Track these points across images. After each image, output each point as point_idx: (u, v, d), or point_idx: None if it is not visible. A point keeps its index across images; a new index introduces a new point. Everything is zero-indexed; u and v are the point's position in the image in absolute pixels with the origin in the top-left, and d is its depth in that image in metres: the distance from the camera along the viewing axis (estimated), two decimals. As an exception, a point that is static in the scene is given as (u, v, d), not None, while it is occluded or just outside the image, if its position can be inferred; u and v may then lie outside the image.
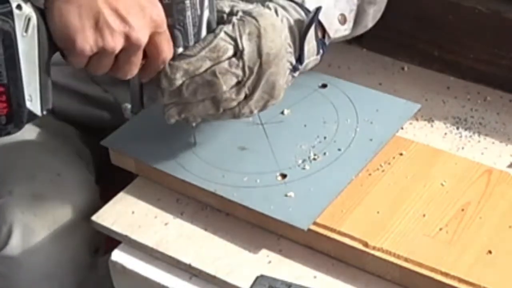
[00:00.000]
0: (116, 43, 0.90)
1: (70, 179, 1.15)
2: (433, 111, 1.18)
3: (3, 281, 1.10)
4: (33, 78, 0.90)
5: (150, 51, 0.94)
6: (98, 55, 0.91)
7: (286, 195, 1.01)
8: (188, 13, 0.96)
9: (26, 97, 0.90)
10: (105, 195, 1.14)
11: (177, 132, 1.10)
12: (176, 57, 0.98)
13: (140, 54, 0.93)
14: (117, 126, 1.14)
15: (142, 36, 0.91)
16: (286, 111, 1.13)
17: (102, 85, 1.29)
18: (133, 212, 1.06)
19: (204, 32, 0.99)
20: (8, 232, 1.08)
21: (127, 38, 0.91)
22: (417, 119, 1.16)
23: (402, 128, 1.11)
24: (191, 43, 0.98)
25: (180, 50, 0.98)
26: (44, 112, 0.92)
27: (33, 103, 0.91)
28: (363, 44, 1.30)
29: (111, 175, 1.15)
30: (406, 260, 0.94)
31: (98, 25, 0.89)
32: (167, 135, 1.10)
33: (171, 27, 0.96)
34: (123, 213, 1.06)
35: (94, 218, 1.06)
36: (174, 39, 0.97)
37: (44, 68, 0.91)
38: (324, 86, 1.17)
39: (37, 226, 1.09)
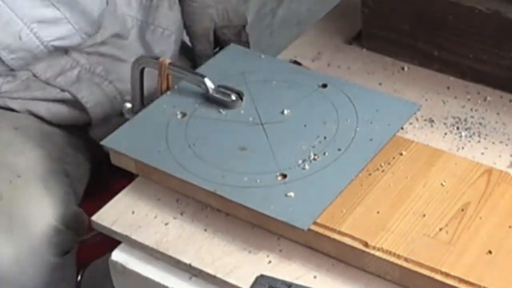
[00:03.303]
0: None
1: (32, 182, 1.15)
2: (433, 111, 1.18)
3: None
4: None
5: None
6: None
7: (286, 195, 1.01)
8: None
9: None
10: (105, 196, 1.14)
11: (177, 132, 1.10)
12: None
13: None
14: (89, 121, 1.13)
15: None
16: (286, 111, 1.13)
17: (63, 86, 1.28)
18: (133, 212, 1.06)
19: None
20: None
21: None
22: (417, 119, 1.16)
23: (402, 128, 1.11)
24: None
25: None
26: None
27: None
28: (363, 44, 1.30)
29: (111, 177, 1.15)
30: (406, 260, 0.94)
31: None
32: (167, 135, 1.10)
33: None
34: (123, 213, 1.06)
35: (94, 218, 1.06)
36: None
37: None
38: (324, 86, 1.17)
39: None
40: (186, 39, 1.41)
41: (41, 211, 1.12)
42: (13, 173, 1.15)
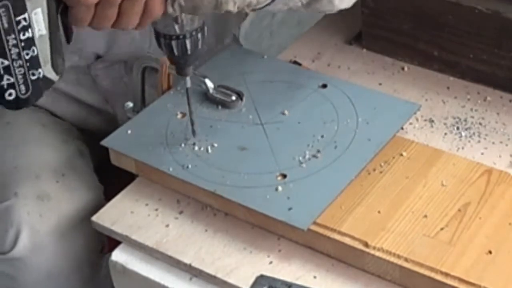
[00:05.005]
0: None
1: (75, 179, 1.15)
2: (433, 111, 1.18)
3: (11, 282, 1.10)
4: (44, 41, 0.87)
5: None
6: (102, 5, 0.87)
7: (286, 195, 1.01)
8: None
9: (41, 62, 0.88)
10: (104, 196, 1.15)
11: (177, 132, 1.10)
12: None
13: (142, 2, 0.90)
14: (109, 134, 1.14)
15: None
16: (286, 111, 1.13)
17: (105, 93, 1.29)
18: (133, 213, 1.06)
19: None
20: (15, 234, 1.09)
21: None
22: (417, 119, 1.16)
23: (402, 128, 1.11)
24: None
25: None
26: (59, 77, 0.90)
27: (47, 68, 0.88)
28: (363, 44, 1.30)
29: (111, 177, 1.15)
30: (406, 260, 0.94)
31: None
32: (167, 135, 1.10)
33: None
34: (123, 214, 1.06)
35: (94, 218, 1.06)
36: None
37: (54, 30, 0.88)
38: (324, 86, 1.17)
39: (43, 227, 1.09)
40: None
41: (86, 209, 1.12)
42: (57, 172, 1.15)
